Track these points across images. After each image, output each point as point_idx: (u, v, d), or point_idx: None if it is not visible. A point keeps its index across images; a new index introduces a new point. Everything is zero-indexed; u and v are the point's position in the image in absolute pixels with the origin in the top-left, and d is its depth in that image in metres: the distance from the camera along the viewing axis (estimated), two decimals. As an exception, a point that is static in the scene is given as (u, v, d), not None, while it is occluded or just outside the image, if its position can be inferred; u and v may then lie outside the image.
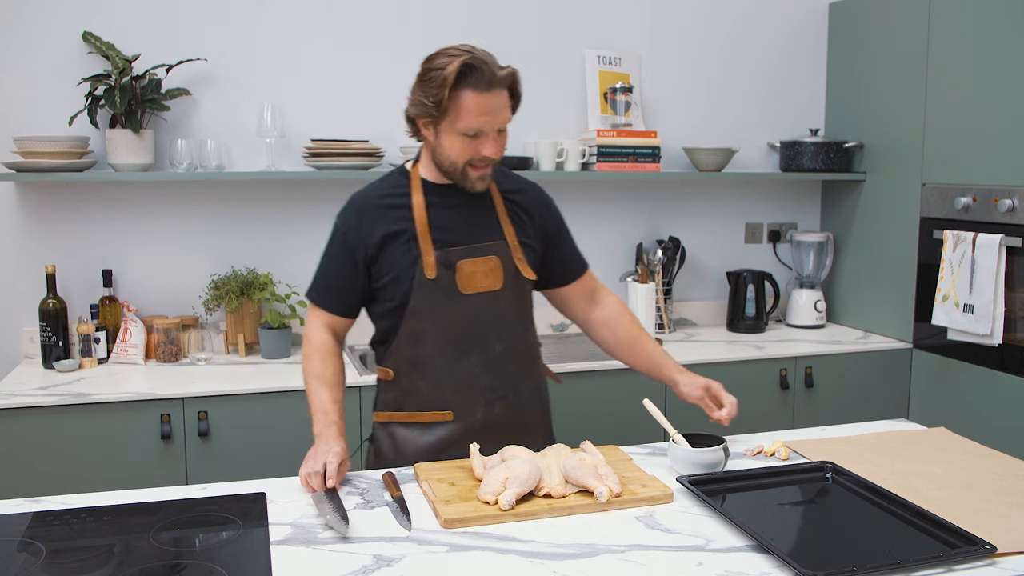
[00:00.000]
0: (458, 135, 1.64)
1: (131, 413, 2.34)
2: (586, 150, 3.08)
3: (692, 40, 3.32)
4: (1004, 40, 2.66)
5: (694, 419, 2.74)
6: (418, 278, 1.69)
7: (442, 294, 1.70)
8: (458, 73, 1.58)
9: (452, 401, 1.74)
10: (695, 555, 1.32)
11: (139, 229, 2.83)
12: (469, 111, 1.61)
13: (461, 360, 1.73)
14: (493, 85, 1.61)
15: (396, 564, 1.30)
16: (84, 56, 2.71)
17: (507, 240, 1.76)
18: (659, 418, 1.72)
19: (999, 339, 2.66)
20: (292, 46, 2.90)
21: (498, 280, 1.74)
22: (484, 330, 1.74)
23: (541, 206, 1.86)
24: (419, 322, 1.72)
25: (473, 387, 1.75)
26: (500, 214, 1.78)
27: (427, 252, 1.69)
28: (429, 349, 1.73)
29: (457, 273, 1.70)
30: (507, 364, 1.77)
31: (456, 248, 1.71)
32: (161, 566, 1.29)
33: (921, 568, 1.25)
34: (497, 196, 1.80)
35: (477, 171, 1.68)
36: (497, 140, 1.66)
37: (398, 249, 1.71)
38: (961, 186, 2.83)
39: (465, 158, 1.66)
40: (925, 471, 1.65)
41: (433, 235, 1.71)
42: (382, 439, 1.82)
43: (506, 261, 1.75)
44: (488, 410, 1.76)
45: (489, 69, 1.60)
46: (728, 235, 3.46)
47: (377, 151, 2.86)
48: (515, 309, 1.79)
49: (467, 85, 1.59)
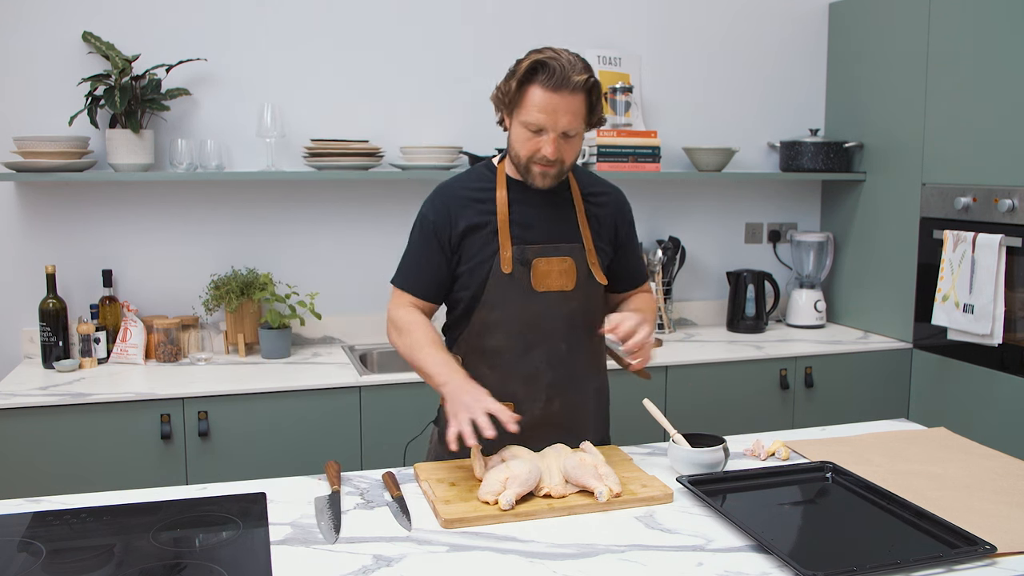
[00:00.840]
0: (522, 128, 1.67)
1: (131, 413, 2.34)
2: (586, 150, 3.08)
3: (692, 40, 3.32)
4: (1004, 40, 2.66)
5: (694, 419, 2.75)
6: (494, 271, 1.73)
7: (515, 289, 1.74)
8: (529, 67, 1.63)
9: (515, 393, 1.76)
10: (695, 555, 1.32)
11: (139, 229, 2.83)
12: (533, 105, 1.64)
13: (527, 354, 1.76)
14: (562, 87, 1.62)
15: (396, 564, 1.30)
16: (84, 56, 2.71)
17: (583, 243, 1.79)
18: (659, 418, 1.72)
19: (999, 339, 2.66)
20: (292, 46, 2.90)
21: (571, 281, 1.77)
22: (552, 328, 1.77)
23: (619, 213, 1.89)
24: (491, 314, 1.75)
25: (536, 382, 1.77)
26: (579, 216, 1.81)
27: (505, 247, 1.73)
28: (497, 340, 1.76)
29: (532, 270, 1.74)
30: (571, 363, 1.80)
31: (533, 246, 1.75)
32: (161, 566, 1.29)
33: (921, 568, 1.25)
34: (578, 198, 1.82)
35: (539, 167, 1.70)
36: (559, 143, 1.67)
37: (479, 240, 1.75)
38: (961, 186, 2.83)
39: (527, 153, 1.69)
40: (925, 471, 1.65)
41: (512, 231, 1.74)
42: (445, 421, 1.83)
43: (580, 263, 1.78)
44: (548, 406, 1.78)
45: (562, 71, 1.62)
46: (728, 235, 3.46)
47: (377, 151, 2.86)
48: (584, 311, 1.81)
49: (536, 81, 1.63)
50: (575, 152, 1.72)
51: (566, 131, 1.66)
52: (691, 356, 2.85)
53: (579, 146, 1.73)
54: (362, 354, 2.90)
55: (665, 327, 3.20)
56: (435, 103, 3.05)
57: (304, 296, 2.88)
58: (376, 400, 2.51)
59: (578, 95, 1.64)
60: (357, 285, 3.02)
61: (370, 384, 2.51)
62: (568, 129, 1.66)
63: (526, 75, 1.63)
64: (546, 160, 1.68)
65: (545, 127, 1.65)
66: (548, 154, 1.66)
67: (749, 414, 2.86)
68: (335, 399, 2.47)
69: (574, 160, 1.74)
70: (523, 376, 1.76)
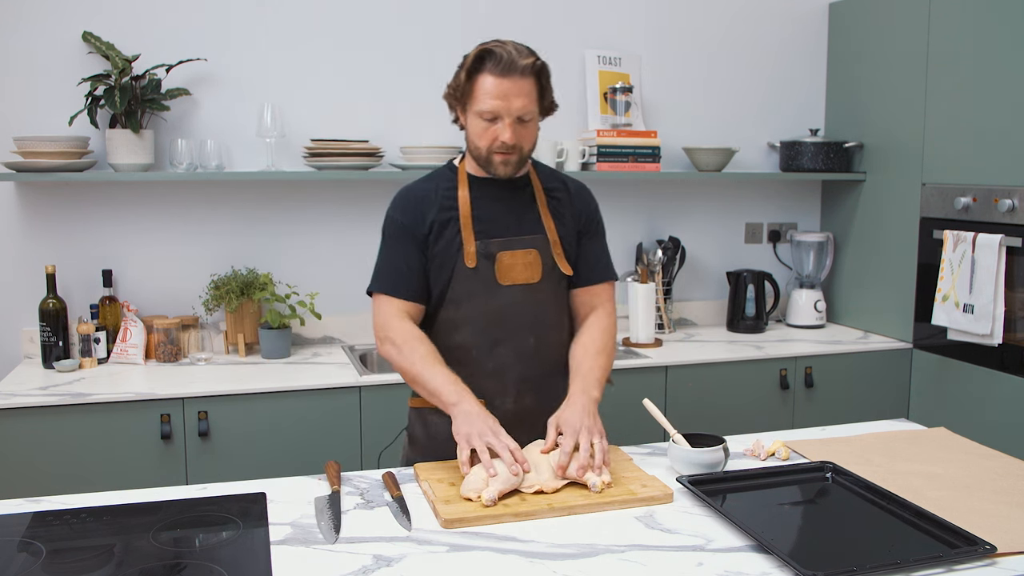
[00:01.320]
0: (477, 118, 1.69)
1: (131, 413, 2.34)
2: (586, 150, 3.08)
3: (692, 40, 3.32)
4: (1004, 40, 2.66)
5: (694, 419, 2.75)
6: (459, 267, 1.73)
7: (480, 284, 1.74)
8: (476, 57, 1.66)
9: (485, 390, 1.75)
10: (695, 555, 1.32)
11: (139, 229, 2.83)
12: (485, 92, 1.66)
13: (495, 350, 1.76)
14: (511, 72, 1.65)
15: (396, 564, 1.30)
16: (84, 56, 2.71)
17: (547, 235, 1.79)
18: (659, 418, 1.72)
19: (999, 339, 2.66)
20: (292, 46, 2.90)
21: (536, 273, 1.77)
22: (519, 321, 1.76)
23: (583, 204, 1.88)
24: (457, 310, 1.75)
25: (506, 377, 1.77)
26: (542, 208, 1.81)
27: (468, 242, 1.73)
28: (465, 337, 1.76)
29: (496, 264, 1.74)
30: (540, 356, 1.79)
31: (497, 239, 1.75)
32: (161, 566, 1.29)
33: (921, 568, 1.25)
34: (540, 191, 1.83)
35: (500, 156, 1.71)
36: (515, 128, 1.69)
37: (444, 237, 1.75)
38: (961, 186, 2.83)
39: (485, 143, 1.71)
40: (925, 471, 1.65)
41: (475, 226, 1.75)
42: (416, 426, 1.86)
43: (545, 255, 1.78)
44: (520, 401, 1.78)
45: (509, 56, 1.65)
46: (728, 235, 3.46)
47: (377, 151, 2.86)
48: (551, 303, 1.81)
49: (485, 69, 1.66)
50: (532, 138, 1.74)
51: (520, 115, 1.68)
52: (691, 356, 2.85)
53: (535, 132, 1.75)
54: (362, 354, 2.90)
55: (665, 327, 3.20)
56: (435, 103, 3.00)
57: (304, 296, 2.88)
58: (376, 400, 2.51)
59: (528, 78, 1.67)
60: (357, 285, 2.99)
61: (370, 384, 2.51)
62: (522, 113, 1.68)
63: (475, 65, 1.67)
64: (505, 147, 1.69)
65: (499, 113, 1.67)
66: (506, 139, 1.68)
67: (749, 414, 2.86)
68: (335, 399, 2.47)
69: (532, 146, 1.75)
70: (492, 372, 1.76)
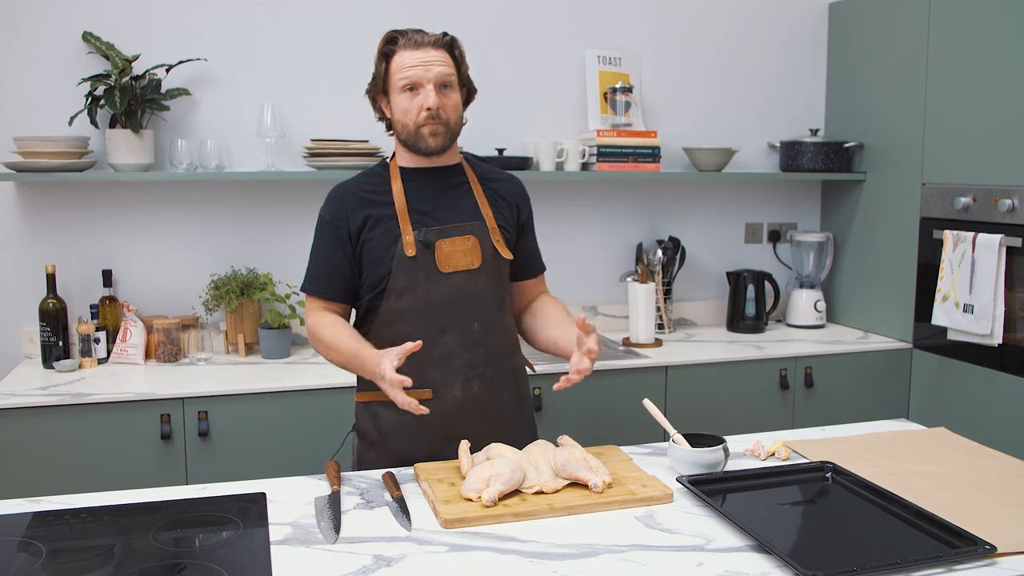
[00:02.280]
0: (400, 93, 1.74)
1: (131, 413, 2.34)
2: (586, 150, 3.08)
3: (692, 40, 3.32)
4: (1004, 40, 2.66)
5: (694, 419, 2.75)
6: (398, 257, 1.74)
7: (421, 272, 1.75)
8: (387, 39, 1.76)
9: (431, 379, 1.76)
10: (695, 555, 1.32)
11: (139, 229, 2.83)
12: (403, 65, 1.73)
13: (439, 338, 1.76)
14: (422, 45, 1.73)
15: (396, 564, 1.30)
16: (84, 56, 2.71)
17: (485, 221, 1.81)
18: (659, 418, 1.72)
19: (999, 339, 2.66)
20: (292, 46, 2.90)
21: (476, 259, 1.78)
22: (462, 308, 1.77)
23: (518, 196, 1.92)
24: (398, 300, 1.76)
25: (451, 365, 1.77)
26: (479, 196, 1.84)
27: (406, 231, 1.75)
28: (408, 327, 1.76)
29: (436, 251, 1.75)
30: (485, 343, 1.80)
31: (434, 228, 1.76)
32: (161, 566, 1.29)
33: (921, 568, 1.25)
34: (475, 182, 1.86)
35: (428, 127, 1.75)
36: (438, 94, 1.73)
37: (378, 230, 1.76)
38: (961, 186, 2.83)
39: (413, 116, 1.74)
40: (925, 471, 1.65)
41: (412, 217, 1.77)
42: (364, 420, 1.86)
43: (484, 241, 1.79)
44: (467, 388, 1.78)
45: (416, 33, 1.75)
46: (728, 235, 3.46)
47: (377, 151, 2.86)
48: (493, 289, 1.82)
49: (397, 49, 1.75)
50: (456, 109, 1.78)
51: (441, 81, 1.73)
52: (691, 356, 2.85)
53: (459, 104, 1.78)
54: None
55: (665, 327, 3.20)
56: (435, 103, 3.04)
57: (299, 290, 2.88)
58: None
59: (440, 49, 1.75)
60: (357, 285, 3.01)
61: (370, 384, 2.51)
62: (442, 77, 1.73)
63: (387, 47, 1.75)
64: (431, 115, 1.73)
65: (419, 80, 1.72)
66: (431, 104, 1.72)
67: (749, 414, 2.86)
68: (335, 399, 2.47)
69: (458, 120, 1.79)
70: (438, 360, 1.76)
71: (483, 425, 1.77)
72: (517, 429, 1.86)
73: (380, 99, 1.81)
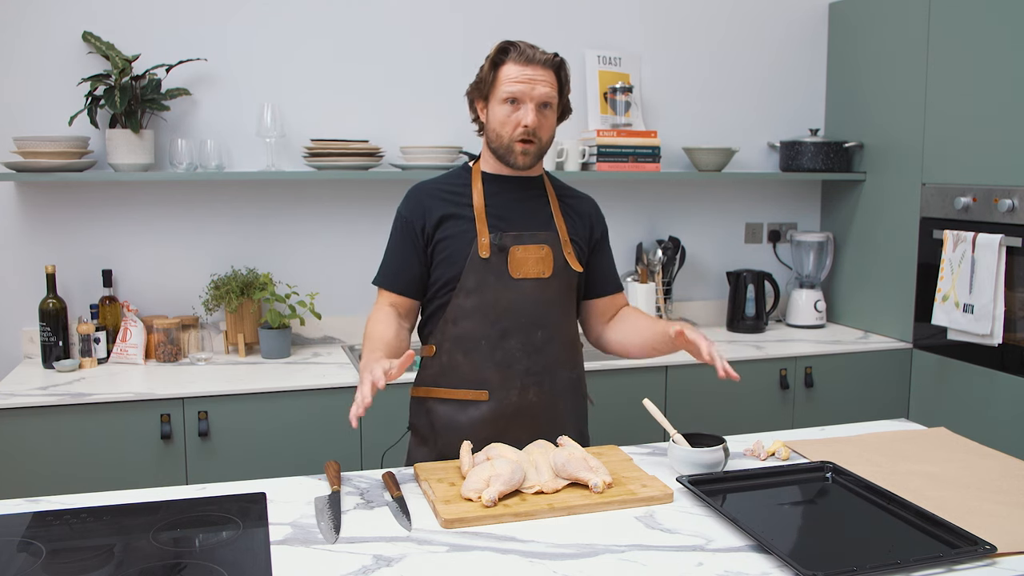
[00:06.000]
0: (500, 104, 1.76)
1: (131, 413, 2.34)
2: (586, 150, 3.08)
3: (692, 40, 3.32)
4: (1004, 40, 2.66)
5: (694, 419, 2.75)
6: (471, 258, 1.76)
7: (492, 275, 1.77)
8: (499, 49, 1.76)
9: (489, 381, 1.78)
10: (695, 555, 1.32)
11: (139, 229, 2.83)
12: (509, 78, 1.74)
13: (502, 342, 1.78)
14: (532, 61, 1.74)
15: (396, 564, 1.30)
16: (84, 56, 2.71)
17: (559, 234, 1.83)
18: (659, 418, 1.72)
19: (999, 339, 2.66)
20: (292, 46, 2.90)
21: (547, 268, 1.80)
22: (528, 315, 1.79)
23: (593, 215, 1.95)
24: (467, 300, 1.78)
25: (511, 369, 1.78)
26: (555, 210, 1.86)
27: (482, 234, 1.77)
28: (473, 327, 1.78)
29: (509, 256, 1.77)
30: (547, 351, 1.81)
31: (510, 233, 1.78)
32: (161, 566, 1.29)
33: (921, 568, 1.25)
34: (552, 195, 1.88)
35: (521, 145, 1.77)
36: (537, 113, 1.75)
37: (455, 230, 1.79)
38: (961, 186, 2.83)
39: (508, 130, 1.76)
40: (925, 471, 1.65)
41: (489, 220, 1.79)
42: (419, 414, 1.88)
43: (556, 252, 1.82)
44: (523, 394, 1.79)
45: (529, 48, 1.75)
46: (728, 235, 3.46)
47: (377, 151, 2.86)
48: (560, 299, 1.83)
49: (507, 59, 1.75)
50: (550, 129, 1.80)
51: (543, 100, 1.75)
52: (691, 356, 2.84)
53: (553, 125, 1.80)
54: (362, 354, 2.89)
55: (665, 327, 3.20)
56: (435, 103, 3.04)
57: (304, 296, 2.88)
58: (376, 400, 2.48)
59: (549, 70, 1.76)
60: (357, 285, 3.02)
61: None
62: (544, 98, 1.74)
63: (498, 56, 1.75)
64: (527, 133, 1.75)
65: (523, 96, 1.74)
66: (529, 123, 1.73)
67: (749, 414, 2.86)
68: (335, 399, 2.47)
69: (550, 140, 1.81)
70: (498, 363, 1.78)
71: (533, 433, 1.77)
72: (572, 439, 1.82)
73: (478, 102, 1.82)
